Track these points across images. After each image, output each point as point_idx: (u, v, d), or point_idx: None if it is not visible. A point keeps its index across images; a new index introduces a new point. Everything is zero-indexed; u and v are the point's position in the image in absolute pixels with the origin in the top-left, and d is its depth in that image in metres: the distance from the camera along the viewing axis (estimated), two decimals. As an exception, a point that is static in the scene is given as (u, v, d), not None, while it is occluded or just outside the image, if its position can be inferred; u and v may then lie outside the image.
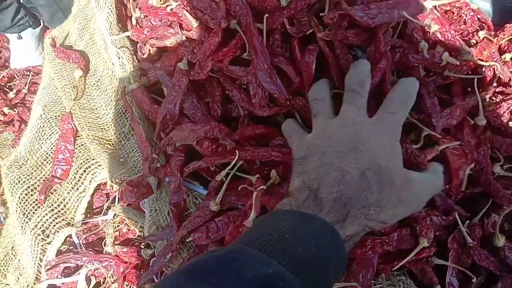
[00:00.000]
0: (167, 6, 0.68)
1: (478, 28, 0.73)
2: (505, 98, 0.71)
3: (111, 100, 0.78)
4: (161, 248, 0.65)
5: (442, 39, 0.63)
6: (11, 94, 1.59)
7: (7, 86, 1.65)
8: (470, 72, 0.64)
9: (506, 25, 0.68)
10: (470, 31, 0.72)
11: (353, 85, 0.52)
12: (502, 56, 0.73)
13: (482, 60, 0.67)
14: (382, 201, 0.45)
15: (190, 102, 0.65)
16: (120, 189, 0.71)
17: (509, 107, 0.71)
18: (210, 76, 0.64)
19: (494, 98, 0.73)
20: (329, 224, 0.42)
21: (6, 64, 1.71)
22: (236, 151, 0.56)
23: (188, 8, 0.65)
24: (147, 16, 0.75)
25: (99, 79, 0.83)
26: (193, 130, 0.60)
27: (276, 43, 0.61)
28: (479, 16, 0.76)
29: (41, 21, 1.64)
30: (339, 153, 0.47)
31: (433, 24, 0.60)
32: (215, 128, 0.60)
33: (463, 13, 0.74)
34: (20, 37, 1.54)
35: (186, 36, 0.69)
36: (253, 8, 0.61)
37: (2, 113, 1.56)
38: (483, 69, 0.69)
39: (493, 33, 0.74)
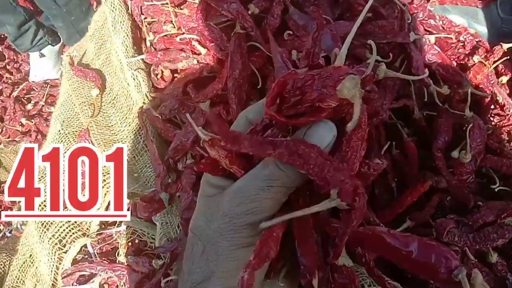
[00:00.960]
0: (177, 36, 0.73)
1: (475, 51, 0.77)
2: (503, 123, 0.74)
3: (126, 118, 0.83)
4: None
5: (444, 73, 0.67)
6: (29, 106, 1.66)
7: (25, 98, 1.73)
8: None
9: (494, 47, 0.71)
10: (466, 54, 0.75)
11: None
12: (499, 79, 0.76)
13: (478, 88, 0.71)
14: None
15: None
16: (133, 202, 0.76)
17: (507, 130, 0.74)
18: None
19: (491, 119, 0.76)
20: None
21: (26, 77, 1.79)
22: None
23: (199, 37, 0.70)
24: (163, 41, 0.80)
25: (115, 97, 0.88)
26: None
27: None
28: (477, 40, 0.79)
29: (60, 38, 1.71)
30: None
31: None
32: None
33: (462, 37, 0.77)
34: (42, 55, 1.61)
35: (197, 60, 0.74)
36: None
37: (20, 123, 1.63)
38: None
39: (489, 54, 0.77)
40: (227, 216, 0.33)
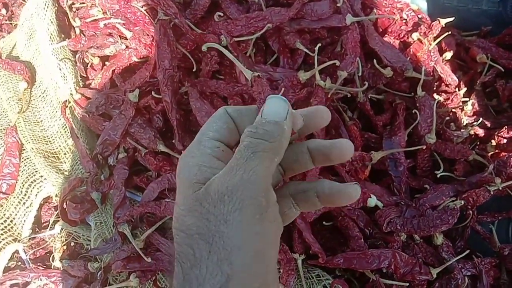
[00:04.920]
0: (102, 21, 0.67)
1: (417, 28, 0.75)
2: (447, 102, 0.72)
3: (56, 112, 0.76)
4: (107, 260, 0.64)
5: (385, 55, 0.64)
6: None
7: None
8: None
9: (432, 23, 0.69)
10: (408, 31, 0.73)
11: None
12: (442, 55, 0.74)
13: (418, 65, 0.68)
14: None
15: (137, 125, 0.64)
16: (61, 203, 0.70)
17: (451, 109, 0.73)
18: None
19: (438, 97, 0.74)
20: None
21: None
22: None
23: (124, 20, 0.64)
24: (87, 26, 0.74)
25: (44, 91, 0.81)
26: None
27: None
28: (420, 16, 0.77)
29: None
30: None
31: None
32: None
33: (404, 13, 0.75)
34: None
35: (126, 45, 0.68)
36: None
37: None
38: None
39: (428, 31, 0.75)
40: (225, 195, 0.26)
